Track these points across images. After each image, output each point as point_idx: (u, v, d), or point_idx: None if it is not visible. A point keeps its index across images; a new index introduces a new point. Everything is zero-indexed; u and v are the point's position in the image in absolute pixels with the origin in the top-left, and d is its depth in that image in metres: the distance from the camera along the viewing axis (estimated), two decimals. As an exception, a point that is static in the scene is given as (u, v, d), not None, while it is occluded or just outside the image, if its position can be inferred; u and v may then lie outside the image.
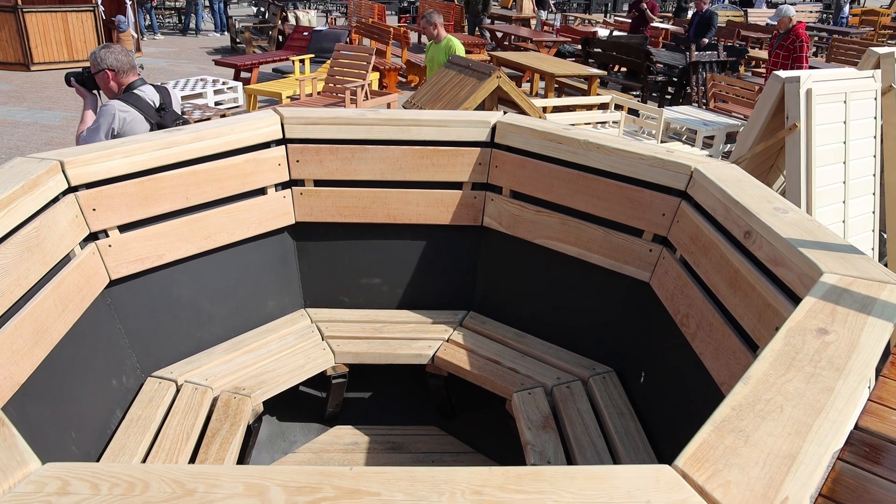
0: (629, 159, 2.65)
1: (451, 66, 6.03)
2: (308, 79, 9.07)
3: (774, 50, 8.20)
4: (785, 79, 4.04)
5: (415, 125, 2.96)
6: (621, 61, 11.10)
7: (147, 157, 2.59)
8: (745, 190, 2.30)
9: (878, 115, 4.59)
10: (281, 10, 14.13)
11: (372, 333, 3.05)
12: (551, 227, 2.91)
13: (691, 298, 2.35)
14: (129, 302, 2.68)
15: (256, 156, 2.89)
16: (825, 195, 4.32)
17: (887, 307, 1.65)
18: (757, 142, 4.35)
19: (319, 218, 3.08)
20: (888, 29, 20.27)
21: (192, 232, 2.77)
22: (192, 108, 9.00)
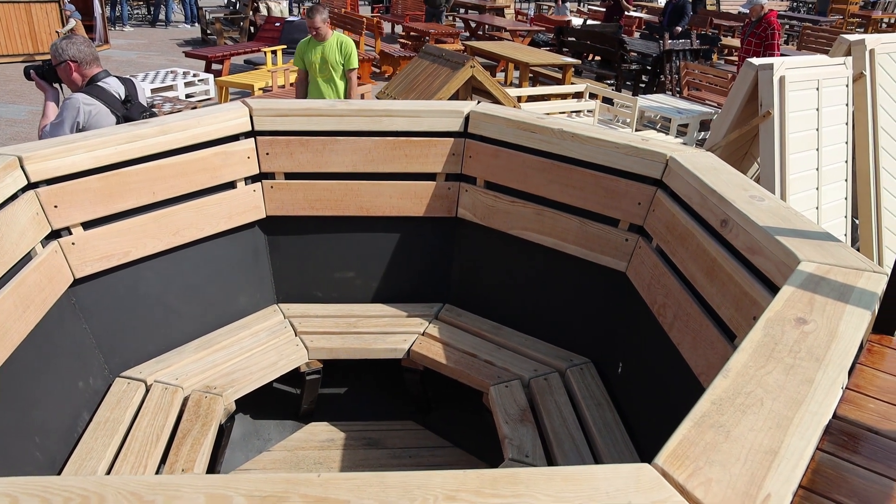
0: (604, 148, 2.62)
1: (424, 56, 5.97)
2: (280, 70, 8.95)
3: (747, 38, 8.23)
4: (758, 66, 4.04)
5: (387, 116, 2.91)
6: (595, 50, 11.08)
7: (111, 152, 2.51)
8: (720, 178, 2.28)
9: (849, 102, 4.61)
10: (252, 1, 13.93)
11: (346, 328, 3.00)
12: (526, 218, 2.88)
13: (668, 288, 2.33)
14: (94, 301, 2.60)
15: (225, 149, 2.82)
16: (799, 182, 4.33)
17: (864, 295, 1.64)
18: (731, 129, 4.34)
19: (291, 211, 3.01)
20: (857, 17, 20.51)
21: (160, 228, 2.69)
22: (162, 100, 8.84)
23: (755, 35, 8.04)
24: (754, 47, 8.04)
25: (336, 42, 5.79)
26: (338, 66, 5.78)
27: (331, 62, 5.77)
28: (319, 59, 5.77)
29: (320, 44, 5.75)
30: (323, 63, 5.77)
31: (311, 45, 5.80)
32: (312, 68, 5.81)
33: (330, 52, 5.76)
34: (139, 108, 3.46)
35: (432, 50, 5.97)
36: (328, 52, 5.76)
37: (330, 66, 5.77)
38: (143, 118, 3.37)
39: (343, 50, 5.79)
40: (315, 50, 5.77)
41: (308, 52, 5.81)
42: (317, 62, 5.78)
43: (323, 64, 5.78)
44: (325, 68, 5.79)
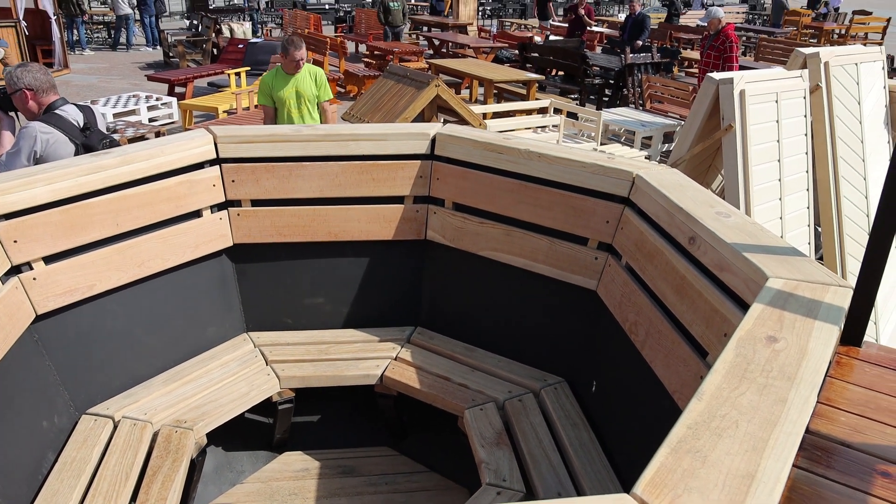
0: (571, 167, 2.63)
1: (388, 76, 5.98)
2: (244, 92, 8.90)
3: (706, 51, 8.39)
4: (719, 81, 4.11)
5: (353, 140, 2.89)
6: (558, 65, 11.20)
7: (72, 184, 2.45)
8: (687, 195, 2.30)
9: (807, 113, 4.71)
10: (214, 23, 13.86)
11: (317, 355, 2.96)
12: (495, 239, 2.87)
13: (639, 306, 2.34)
14: (58, 336, 2.54)
15: (190, 177, 2.78)
16: (762, 193, 4.40)
17: (832, 310, 1.66)
18: (695, 143, 4.41)
19: (258, 239, 2.98)
20: (810, 28, 21.04)
21: (124, 260, 2.64)
22: (125, 125, 8.73)
23: (714, 48, 8.20)
24: (713, 60, 8.20)
25: (308, 73, 5.25)
26: (313, 99, 5.29)
27: (307, 96, 5.24)
28: (294, 93, 5.19)
29: (290, 77, 5.18)
30: (298, 98, 5.22)
31: (280, 80, 5.20)
32: (284, 104, 5.22)
33: (304, 85, 5.22)
34: (99, 135, 3.39)
35: (397, 70, 5.98)
36: (302, 84, 5.21)
37: (306, 99, 5.24)
38: (102, 145, 3.31)
39: (318, 81, 5.29)
40: (286, 84, 5.18)
41: (277, 87, 5.19)
42: (290, 97, 5.20)
43: (298, 98, 5.22)
44: (300, 103, 5.25)
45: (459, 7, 17.10)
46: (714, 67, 8.15)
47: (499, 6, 23.95)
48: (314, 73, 5.27)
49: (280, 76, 5.21)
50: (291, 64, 5.10)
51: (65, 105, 3.34)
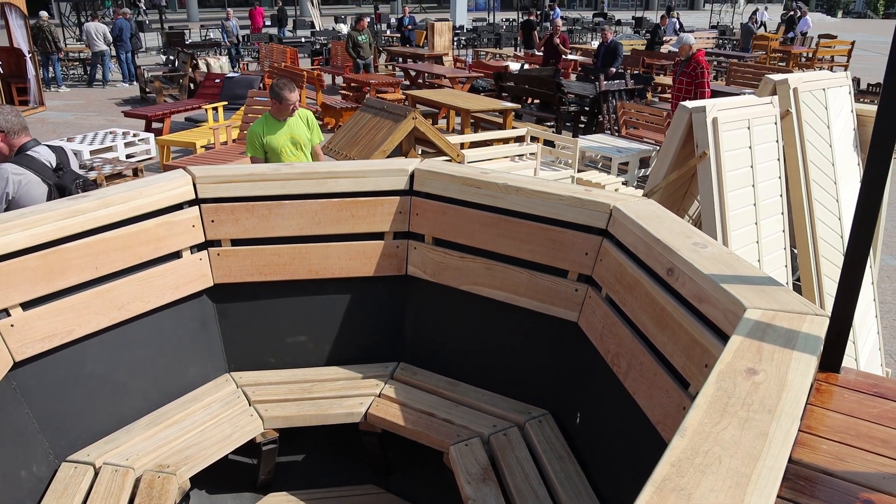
0: (548, 200, 2.66)
1: (366, 109, 6.01)
2: (222, 127, 8.90)
3: (678, 77, 8.53)
4: (692, 109, 4.18)
5: (332, 177, 2.91)
6: (534, 94, 11.33)
7: (50, 228, 2.44)
8: (664, 226, 2.33)
9: (779, 138, 4.80)
10: (191, 58, 13.89)
11: (301, 394, 2.94)
12: (476, 273, 2.89)
13: (620, 337, 2.35)
14: (36, 383, 2.50)
15: (169, 218, 2.78)
16: (738, 218, 4.46)
17: (809, 340, 1.68)
18: (670, 170, 4.47)
19: (239, 278, 2.97)
20: (778, 52, 21.50)
21: (104, 303, 2.62)
22: (102, 162, 8.69)
23: (685, 74, 8.34)
24: (686, 86, 8.34)
25: (298, 117, 4.89)
26: (308, 143, 4.95)
27: (301, 141, 4.89)
28: (288, 140, 4.84)
29: (282, 123, 4.81)
30: (293, 144, 4.86)
31: (271, 127, 4.81)
32: (278, 153, 4.85)
33: (298, 130, 4.87)
34: (71, 175, 3.39)
35: (374, 103, 6.02)
36: (296, 129, 4.86)
37: (301, 145, 4.89)
38: (75, 185, 3.30)
39: (310, 124, 4.96)
40: (278, 131, 4.80)
41: (269, 136, 4.80)
42: (284, 145, 4.83)
43: (293, 145, 4.87)
44: (295, 149, 4.91)
45: (435, 38, 17.30)
46: (686, 93, 8.28)
47: (473, 36, 24.26)
48: (305, 117, 4.96)
49: (271, 123, 4.84)
50: (286, 109, 4.74)
51: (37, 146, 3.33)
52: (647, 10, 42.67)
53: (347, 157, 5.62)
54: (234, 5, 34.21)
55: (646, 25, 31.15)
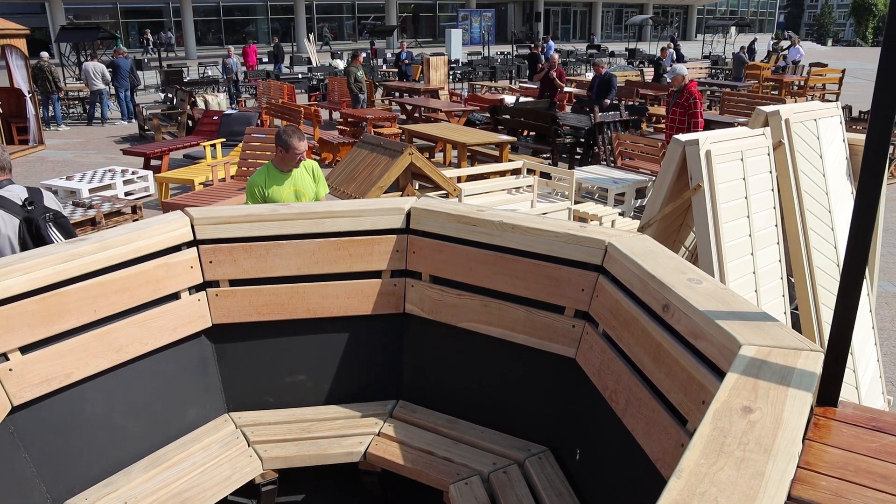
0: (544, 238, 2.68)
1: (363, 145, 6.07)
2: (220, 164, 8.97)
3: (671, 107, 8.62)
4: (685, 142, 4.22)
5: (329, 217, 2.93)
6: (530, 126, 11.44)
7: (49, 272, 2.45)
8: (658, 262, 2.35)
9: (772, 169, 4.85)
10: (189, 96, 14.03)
11: (300, 434, 2.93)
12: (473, 310, 2.90)
13: (618, 374, 2.36)
14: (34, 427, 2.50)
15: (167, 260, 2.79)
16: (734, 249, 4.48)
17: (805, 376, 1.69)
18: (665, 203, 4.50)
19: (237, 318, 2.98)
20: (770, 80, 21.73)
21: (103, 346, 2.62)
22: (100, 200, 8.74)
23: (679, 105, 8.43)
24: (679, 116, 8.42)
25: (304, 168, 4.48)
26: (313, 197, 4.55)
27: (308, 195, 4.48)
28: (292, 193, 4.41)
29: (286, 175, 4.38)
30: (297, 198, 4.43)
31: (274, 178, 4.38)
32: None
33: (303, 182, 4.46)
34: (41, 210, 3.45)
35: (370, 139, 6.08)
36: (301, 182, 4.44)
37: (306, 199, 4.45)
38: (44, 219, 3.37)
39: (315, 175, 4.58)
40: (282, 183, 4.38)
41: (271, 188, 4.36)
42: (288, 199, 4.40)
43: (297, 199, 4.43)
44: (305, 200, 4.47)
45: (430, 72, 17.50)
46: (680, 123, 8.36)
47: (469, 69, 24.54)
48: (310, 168, 4.56)
49: (273, 175, 4.40)
50: (292, 160, 4.31)
51: (10, 185, 3.43)
52: (640, 41, 43.25)
53: (345, 193, 5.67)
54: (230, 43, 34.65)
55: (639, 56, 31.55)
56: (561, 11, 51.15)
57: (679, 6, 58.48)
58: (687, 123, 8.38)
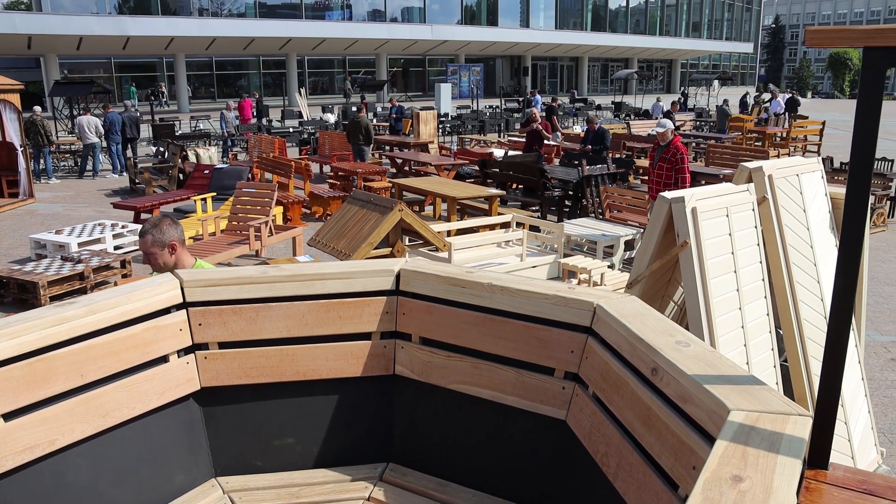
0: (533, 299, 2.70)
1: (352, 201, 6.12)
2: (210, 218, 9.00)
3: (657, 162, 8.71)
4: (671, 200, 4.29)
5: (319, 279, 2.94)
6: (518, 179, 11.57)
7: (36, 337, 2.44)
8: (647, 324, 2.37)
9: (757, 224, 4.92)
10: (181, 150, 14.14)
11: (289, 499, 2.89)
12: (463, 372, 2.90)
13: (608, 437, 2.35)
14: (16, 498, 2.45)
15: (156, 323, 2.78)
16: (722, 304, 4.51)
17: (794, 442, 1.70)
18: (653, 259, 4.55)
19: (226, 381, 2.96)
20: (754, 132, 22.15)
21: (88, 411, 2.59)
22: (89, 255, 8.73)
23: (665, 160, 8.55)
24: (667, 171, 8.53)
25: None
26: None
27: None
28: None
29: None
30: None
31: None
32: None
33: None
34: None
35: (360, 195, 6.13)
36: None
37: None
38: None
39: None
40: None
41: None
42: None
43: None
44: None
45: (420, 126, 17.74)
46: (668, 178, 8.47)
47: (458, 123, 24.89)
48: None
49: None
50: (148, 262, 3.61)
51: None
52: (625, 94, 44.12)
53: (335, 250, 5.69)
54: (224, 96, 35.08)
55: (625, 109, 32.15)
56: (548, 66, 52.24)
57: (663, 60, 59.87)
58: (674, 178, 8.48)
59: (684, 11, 57.98)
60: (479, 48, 44.07)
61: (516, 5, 46.12)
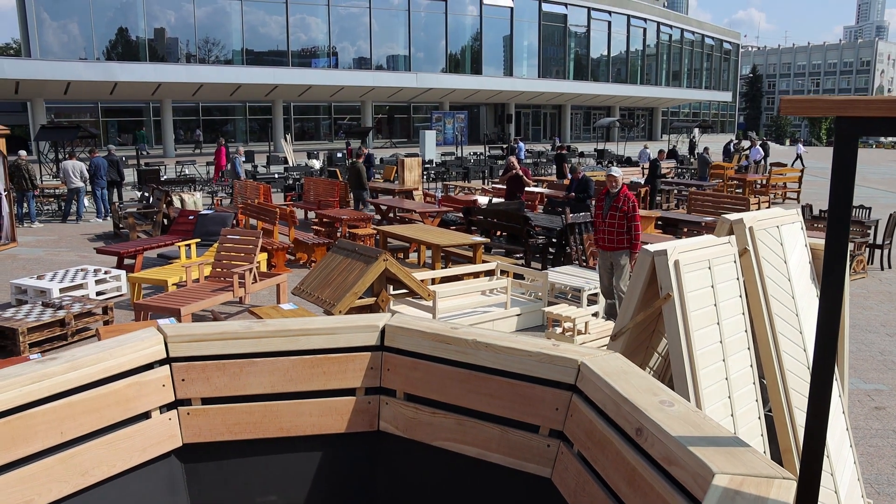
0: (517, 356, 2.70)
1: (337, 251, 6.13)
2: (194, 264, 8.96)
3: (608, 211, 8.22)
4: (654, 253, 4.33)
5: (303, 335, 2.94)
6: (502, 227, 11.65)
7: (16, 394, 2.41)
8: (630, 383, 2.38)
9: (739, 276, 4.97)
10: (165, 195, 14.14)
11: None
12: (448, 429, 2.88)
13: (593, 497, 2.34)
14: None
15: (139, 379, 2.76)
16: (706, 356, 4.53)
17: None
18: (636, 312, 4.57)
19: (208, 438, 2.92)
20: (734, 179, 22.49)
21: (67, 470, 2.55)
22: (71, 300, 8.64)
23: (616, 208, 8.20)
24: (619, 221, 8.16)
25: None
26: None
27: None
28: None
29: None
30: None
31: None
32: None
33: None
34: None
35: (345, 244, 6.14)
36: None
37: None
38: None
39: None
40: None
41: None
42: None
43: None
44: None
45: (405, 173, 17.88)
46: (619, 228, 8.11)
47: (443, 170, 25.11)
48: None
49: None
50: None
51: None
52: (608, 141, 44.79)
53: (319, 299, 5.67)
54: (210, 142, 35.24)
55: (607, 156, 32.58)
56: (531, 113, 53.03)
57: (644, 108, 61.00)
58: (627, 227, 8.15)
59: (664, 61, 59.33)
60: (464, 96, 44.73)
61: (500, 54, 46.99)
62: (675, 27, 59.86)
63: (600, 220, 8.38)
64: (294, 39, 38.97)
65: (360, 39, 41.31)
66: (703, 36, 64.25)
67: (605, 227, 8.31)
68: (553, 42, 49.45)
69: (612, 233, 8.17)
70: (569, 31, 50.00)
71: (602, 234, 8.36)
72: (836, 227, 1.80)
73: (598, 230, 8.50)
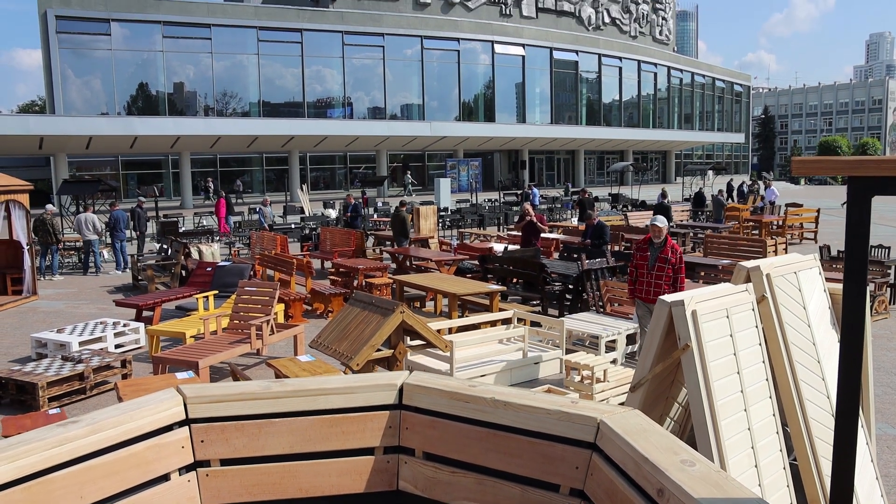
0: (536, 415, 2.69)
1: (354, 304, 6.15)
2: (212, 316, 9.01)
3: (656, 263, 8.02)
4: (671, 303, 4.33)
5: (322, 394, 2.94)
6: (518, 274, 11.65)
7: (37, 459, 2.42)
8: (651, 442, 2.35)
9: (758, 323, 4.93)
10: (184, 247, 14.30)
11: None
12: (468, 488, 2.85)
13: None
14: None
15: (158, 441, 2.77)
16: (727, 406, 4.48)
17: None
18: (655, 363, 4.54)
19: (227, 499, 2.91)
20: (750, 221, 22.41)
21: None
22: (90, 354, 8.70)
23: (664, 260, 7.97)
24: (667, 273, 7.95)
25: None
26: None
27: None
28: None
29: None
30: None
31: None
32: None
33: None
34: None
35: (362, 297, 6.17)
36: None
37: None
38: None
39: None
40: None
41: None
42: None
43: None
44: None
45: (420, 221, 18.00)
46: (667, 279, 7.99)
47: (458, 217, 25.24)
48: None
49: None
50: None
51: None
52: (621, 185, 44.94)
53: (336, 352, 5.68)
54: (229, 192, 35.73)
55: (622, 200, 32.65)
56: (545, 159, 53.44)
57: (657, 151, 61.27)
58: (673, 279, 7.98)
59: (676, 104, 59.79)
60: (477, 143, 45.21)
61: (512, 101, 47.61)
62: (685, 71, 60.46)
63: (644, 271, 8.12)
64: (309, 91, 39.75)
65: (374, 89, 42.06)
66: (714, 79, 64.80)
67: (649, 280, 8.04)
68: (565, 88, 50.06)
69: (659, 285, 7.90)
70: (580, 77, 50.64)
71: (645, 285, 8.10)
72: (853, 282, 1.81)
73: (639, 281, 8.22)
